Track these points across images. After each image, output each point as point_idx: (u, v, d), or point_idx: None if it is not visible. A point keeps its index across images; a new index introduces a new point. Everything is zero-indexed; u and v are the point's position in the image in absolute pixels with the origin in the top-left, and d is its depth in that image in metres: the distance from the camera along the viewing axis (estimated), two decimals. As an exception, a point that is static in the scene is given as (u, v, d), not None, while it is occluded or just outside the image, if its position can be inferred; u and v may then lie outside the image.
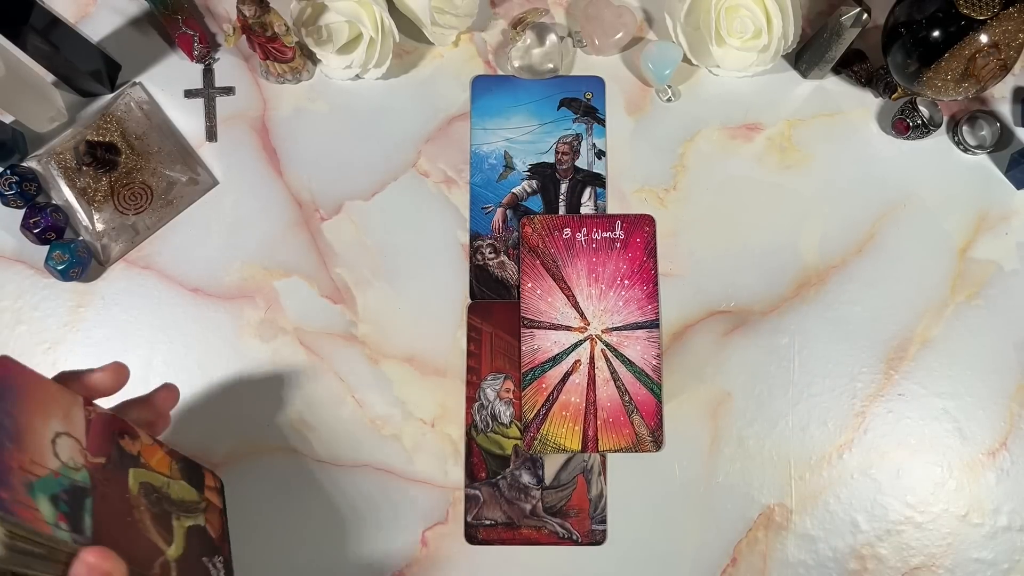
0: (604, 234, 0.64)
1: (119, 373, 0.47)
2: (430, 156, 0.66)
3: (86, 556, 0.39)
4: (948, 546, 0.60)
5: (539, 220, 0.64)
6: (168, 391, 0.50)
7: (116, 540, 0.41)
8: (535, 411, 0.61)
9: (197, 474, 0.51)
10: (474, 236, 0.64)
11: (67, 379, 0.44)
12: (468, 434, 0.61)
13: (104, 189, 0.64)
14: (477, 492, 0.60)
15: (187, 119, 0.67)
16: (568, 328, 0.62)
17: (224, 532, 0.53)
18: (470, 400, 0.62)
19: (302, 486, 0.60)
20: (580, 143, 0.66)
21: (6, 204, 0.63)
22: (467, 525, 0.60)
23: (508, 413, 0.61)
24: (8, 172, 0.62)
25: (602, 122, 0.67)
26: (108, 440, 0.44)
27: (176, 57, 0.68)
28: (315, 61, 0.67)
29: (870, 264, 0.64)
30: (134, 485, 0.44)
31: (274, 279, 0.64)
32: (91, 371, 0.46)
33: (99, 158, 0.63)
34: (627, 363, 0.61)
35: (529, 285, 0.63)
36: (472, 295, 0.63)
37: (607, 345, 0.61)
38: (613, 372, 0.61)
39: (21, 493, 0.37)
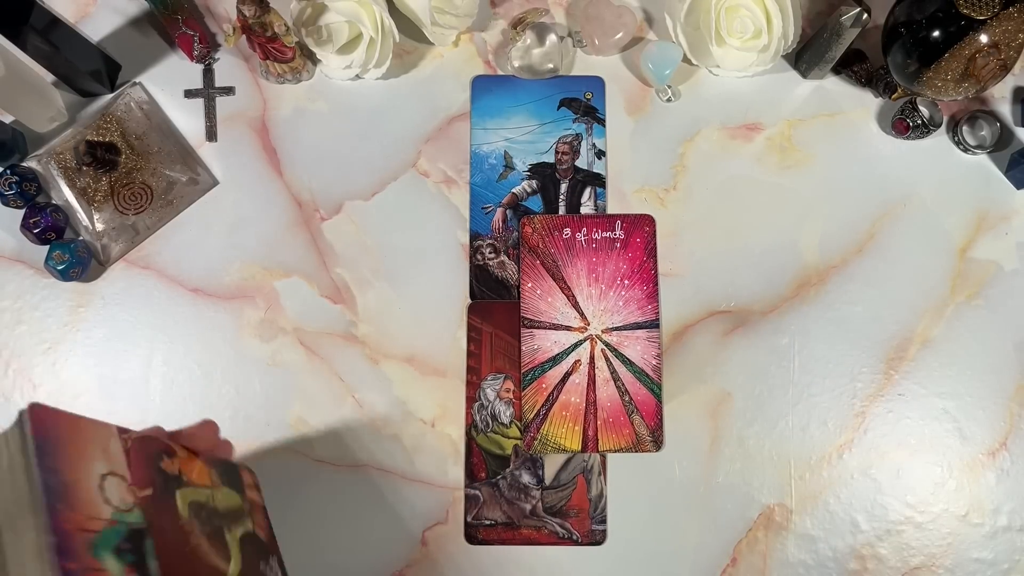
0: (604, 234, 0.64)
1: (211, 428, 0.47)
2: (430, 156, 0.66)
3: None
4: (948, 546, 0.60)
5: (539, 220, 0.64)
6: (208, 428, 0.48)
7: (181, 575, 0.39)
8: (535, 411, 0.61)
9: (235, 475, 0.48)
10: (474, 236, 0.64)
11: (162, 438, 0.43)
12: (468, 434, 0.61)
13: (104, 189, 0.64)
14: (477, 492, 0.60)
15: (187, 119, 0.67)
16: (568, 328, 0.62)
17: (270, 529, 0.50)
18: (470, 400, 0.62)
19: (302, 486, 0.60)
20: (580, 143, 0.66)
21: (6, 204, 0.63)
22: (467, 525, 0.60)
23: (508, 413, 0.61)
24: (8, 172, 0.62)
25: (602, 122, 0.67)
26: (149, 466, 0.41)
27: (176, 57, 0.68)
28: (315, 61, 0.67)
29: (870, 264, 0.64)
30: (183, 508, 0.42)
31: (274, 279, 0.64)
32: (182, 430, 0.46)
33: (99, 158, 0.63)
34: (627, 363, 0.61)
35: (529, 285, 0.63)
36: (472, 295, 0.63)
37: (607, 345, 0.61)
38: (613, 372, 0.61)
39: (86, 558, 0.34)
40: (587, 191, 0.65)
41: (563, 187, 0.66)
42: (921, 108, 0.64)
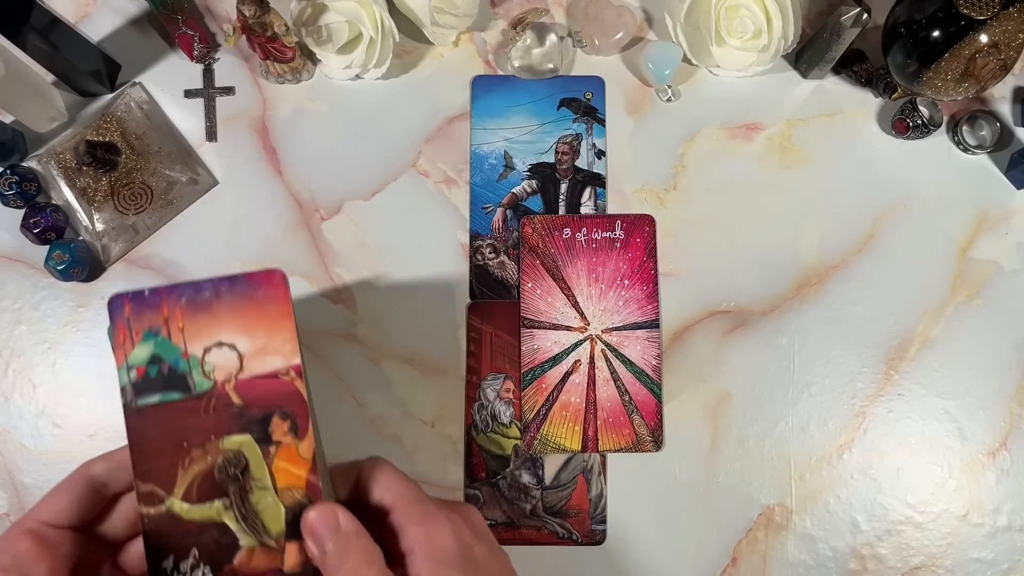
0: (604, 234, 0.64)
1: None
2: (430, 156, 0.66)
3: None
4: (948, 546, 0.60)
5: (539, 220, 0.64)
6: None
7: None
8: (535, 411, 0.61)
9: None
10: (474, 236, 0.64)
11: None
12: (468, 434, 0.61)
13: (104, 189, 0.64)
14: (477, 492, 0.60)
15: (187, 119, 0.67)
16: (568, 328, 0.62)
17: None
18: (470, 400, 0.62)
19: (302, 486, 0.60)
20: (580, 143, 0.66)
21: (6, 204, 0.63)
22: (467, 525, 0.60)
23: (508, 413, 0.61)
24: (8, 172, 0.62)
25: (602, 122, 0.67)
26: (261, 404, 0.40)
27: (176, 57, 0.68)
28: (315, 61, 0.67)
29: (870, 264, 0.64)
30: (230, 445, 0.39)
31: (274, 279, 0.64)
32: None
33: (99, 158, 0.63)
34: (627, 363, 0.61)
35: (529, 285, 0.63)
36: (472, 295, 0.63)
37: (607, 345, 0.61)
38: (613, 372, 0.61)
39: None
40: (587, 191, 0.65)
41: (563, 187, 0.66)
42: (921, 108, 0.64)
